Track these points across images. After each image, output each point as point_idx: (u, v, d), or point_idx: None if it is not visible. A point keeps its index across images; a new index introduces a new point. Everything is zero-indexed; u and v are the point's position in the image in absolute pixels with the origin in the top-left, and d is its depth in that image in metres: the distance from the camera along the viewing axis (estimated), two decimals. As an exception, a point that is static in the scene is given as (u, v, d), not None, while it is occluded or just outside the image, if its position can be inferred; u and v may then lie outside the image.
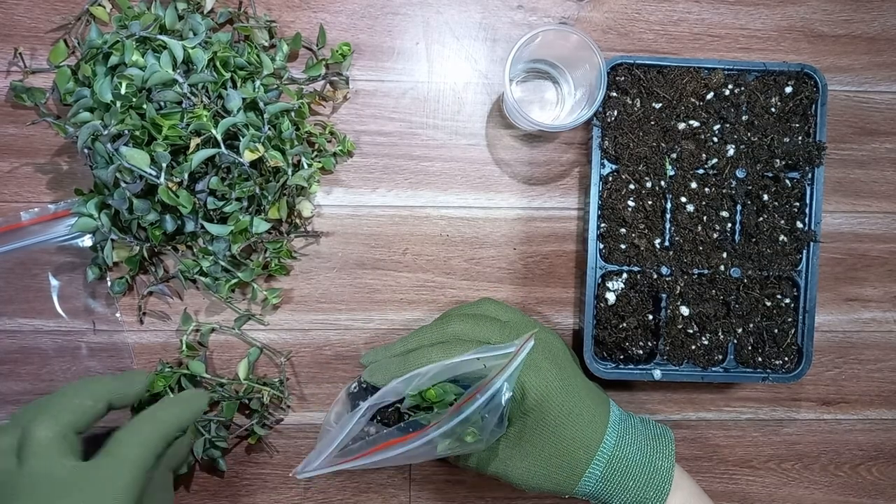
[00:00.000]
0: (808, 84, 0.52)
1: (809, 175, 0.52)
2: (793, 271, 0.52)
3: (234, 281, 0.51)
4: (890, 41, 0.56)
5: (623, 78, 0.51)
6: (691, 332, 0.52)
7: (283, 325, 0.54)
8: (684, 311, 0.51)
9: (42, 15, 0.52)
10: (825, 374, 0.57)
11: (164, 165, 0.44)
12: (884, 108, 0.56)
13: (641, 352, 0.52)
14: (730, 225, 0.52)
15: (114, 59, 0.45)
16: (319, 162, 0.52)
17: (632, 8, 0.55)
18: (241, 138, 0.46)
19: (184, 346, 0.52)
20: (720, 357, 0.52)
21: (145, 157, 0.43)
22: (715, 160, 0.52)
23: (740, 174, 0.52)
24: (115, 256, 0.50)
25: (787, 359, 0.53)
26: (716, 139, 0.52)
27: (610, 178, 0.52)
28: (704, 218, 0.52)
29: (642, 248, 0.51)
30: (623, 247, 0.52)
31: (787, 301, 0.53)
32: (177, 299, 0.53)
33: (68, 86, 0.48)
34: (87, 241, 0.52)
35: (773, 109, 0.52)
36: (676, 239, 0.52)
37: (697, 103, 0.52)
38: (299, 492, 0.54)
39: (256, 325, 0.54)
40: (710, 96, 0.52)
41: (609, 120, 0.51)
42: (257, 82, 0.49)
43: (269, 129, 0.48)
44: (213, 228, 0.47)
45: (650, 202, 0.52)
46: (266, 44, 0.52)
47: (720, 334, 0.52)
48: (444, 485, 0.55)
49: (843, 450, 0.57)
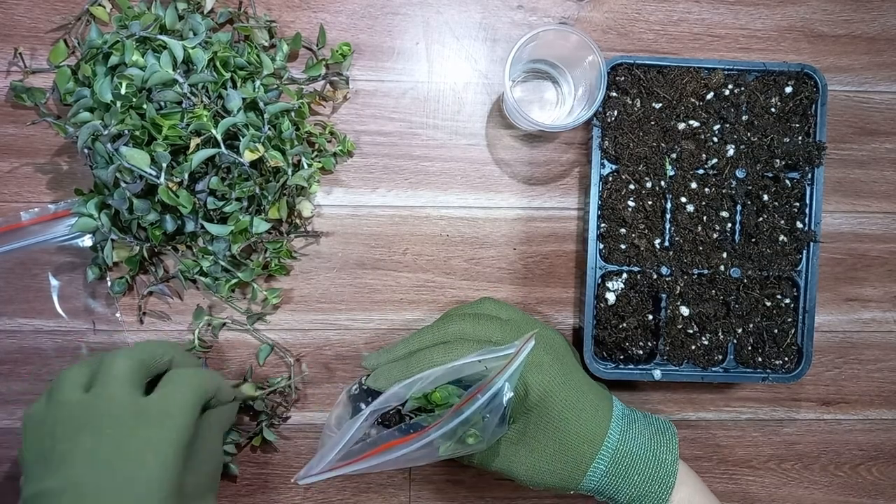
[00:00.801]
0: (808, 84, 0.52)
1: (809, 175, 0.52)
2: (793, 271, 0.52)
3: (234, 281, 0.51)
4: (890, 41, 0.56)
5: (623, 78, 0.51)
6: (691, 332, 0.52)
7: (284, 325, 0.54)
8: (684, 311, 0.51)
9: (42, 15, 0.52)
10: (825, 374, 0.57)
11: (164, 165, 0.44)
12: (884, 108, 0.56)
13: (641, 352, 0.52)
14: (730, 225, 0.52)
15: (114, 59, 0.45)
16: (319, 162, 0.52)
17: (632, 8, 0.55)
18: (241, 138, 0.46)
19: (196, 341, 0.52)
20: (720, 357, 0.52)
21: (145, 157, 0.43)
22: (715, 160, 0.52)
23: (740, 174, 0.52)
24: (115, 256, 0.50)
25: (787, 359, 0.53)
26: (716, 139, 0.52)
27: (610, 178, 0.52)
28: (704, 218, 0.52)
29: (642, 249, 0.51)
30: (623, 247, 0.52)
31: (787, 301, 0.53)
32: (177, 299, 0.53)
33: (68, 86, 0.48)
34: (87, 241, 0.52)
35: (773, 109, 0.52)
36: (676, 239, 0.52)
37: (697, 103, 0.52)
38: (299, 492, 0.54)
39: (258, 325, 0.54)
40: (710, 96, 0.52)
41: (609, 120, 0.51)
42: (257, 82, 0.49)
43: (269, 129, 0.48)
44: (213, 228, 0.47)
45: (650, 202, 0.52)
46: (266, 44, 0.52)
47: (720, 334, 0.52)
48: (444, 485, 0.55)
49: (843, 450, 0.57)
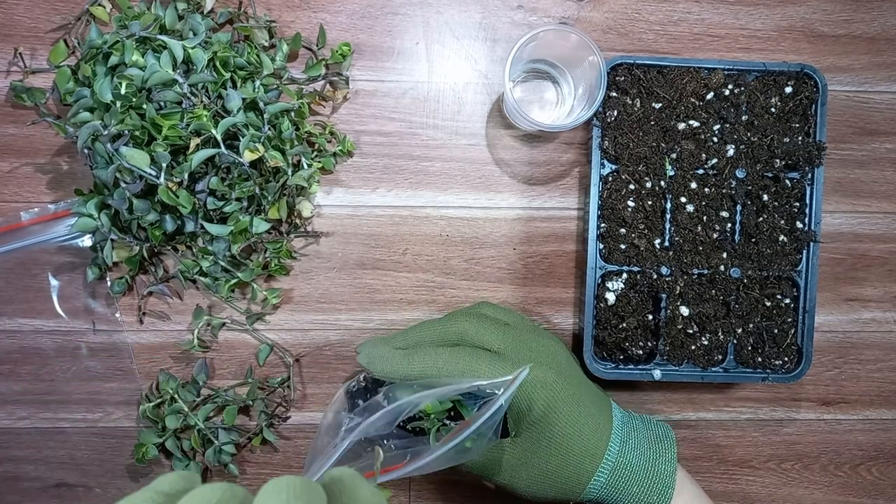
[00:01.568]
0: (808, 84, 0.52)
1: (809, 175, 0.52)
2: (793, 271, 0.52)
3: (234, 281, 0.51)
4: (890, 41, 0.56)
5: (623, 78, 0.51)
6: (691, 332, 0.52)
7: (283, 325, 0.54)
8: (684, 311, 0.51)
9: (42, 15, 0.52)
10: (825, 374, 0.57)
11: (164, 165, 0.44)
12: (884, 108, 0.56)
13: (641, 352, 0.52)
14: (730, 225, 0.52)
15: (114, 59, 0.45)
16: (319, 162, 0.52)
17: (632, 8, 0.55)
18: (241, 138, 0.46)
19: (195, 341, 0.52)
20: (720, 357, 0.52)
21: (145, 157, 0.43)
22: (715, 160, 0.52)
23: (740, 174, 0.52)
24: (115, 256, 0.50)
25: (786, 359, 0.53)
26: (716, 139, 0.52)
27: (610, 178, 0.52)
28: (704, 218, 0.52)
29: (642, 249, 0.51)
30: (623, 247, 0.52)
31: (787, 301, 0.53)
32: (177, 299, 0.53)
33: (68, 86, 0.48)
34: (87, 241, 0.52)
35: (773, 109, 0.52)
36: (676, 239, 0.52)
37: (697, 103, 0.52)
38: (299, 492, 0.54)
39: (257, 325, 0.54)
40: (710, 96, 0.52)
41: (609, 120, 0.51)
42: (257, 82, 0.49)
43: (269, 129, 0.48)
44: (213, 228, 0.47)
45: (650, 202, 0.52)
46: (266, 44, 0.52)
47: (720, 334, 0.52)
48: (444, 485, 0.55)
49: (843, 450, 0.57)
